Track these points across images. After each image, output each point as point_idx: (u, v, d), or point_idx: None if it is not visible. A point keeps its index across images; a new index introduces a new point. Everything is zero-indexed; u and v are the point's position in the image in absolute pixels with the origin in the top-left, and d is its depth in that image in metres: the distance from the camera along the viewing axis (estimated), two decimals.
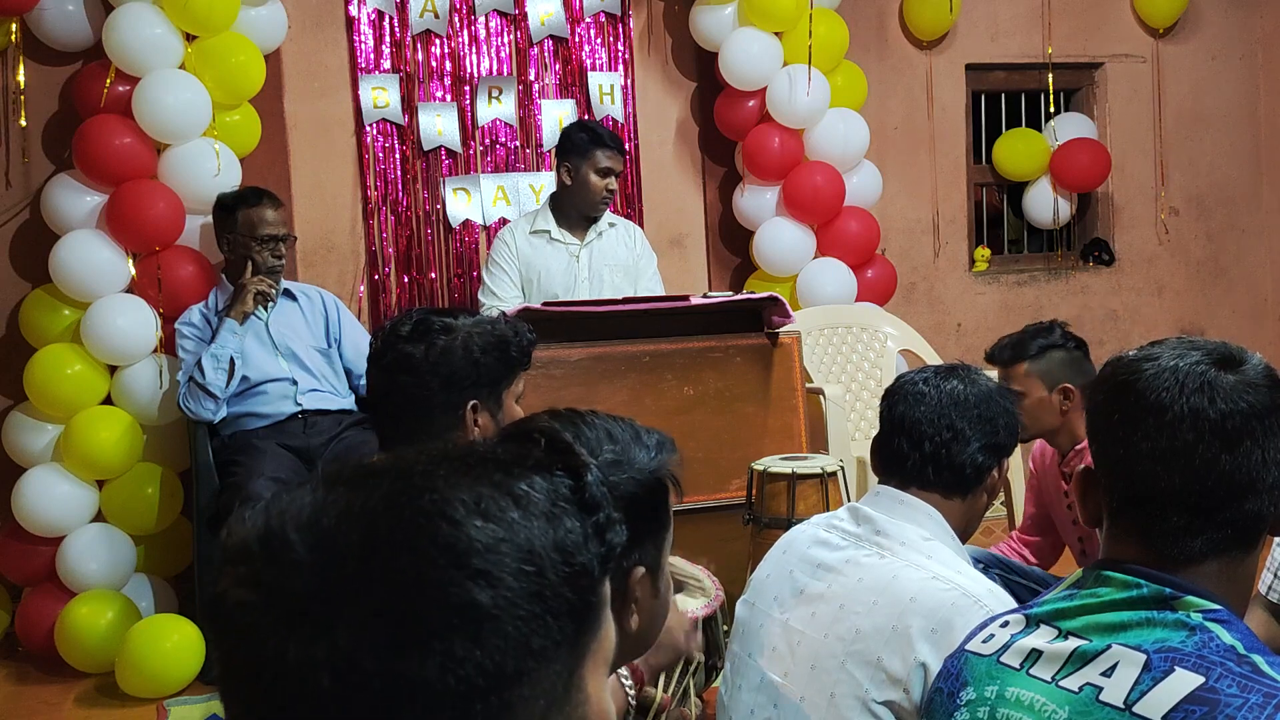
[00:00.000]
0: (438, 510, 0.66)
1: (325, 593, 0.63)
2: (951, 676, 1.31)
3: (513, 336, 2.08)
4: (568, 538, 0.69)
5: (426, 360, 2.00)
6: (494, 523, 0.66)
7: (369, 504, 0.67)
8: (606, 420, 1.31)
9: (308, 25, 4.48)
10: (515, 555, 0.66)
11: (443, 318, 2.06)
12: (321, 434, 3.74)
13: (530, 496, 0.69)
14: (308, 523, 0.66)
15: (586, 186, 4.07)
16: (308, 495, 0.68)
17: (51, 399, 3.77)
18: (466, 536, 0.65)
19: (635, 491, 1.27)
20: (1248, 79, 5.73)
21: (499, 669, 0.64)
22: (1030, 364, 2.90)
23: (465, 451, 0.72)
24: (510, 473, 0.70)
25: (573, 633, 0.69)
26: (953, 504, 1.92)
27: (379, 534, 0.65)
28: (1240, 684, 1.06)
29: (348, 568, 0.64)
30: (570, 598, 0.68)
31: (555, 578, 0.67)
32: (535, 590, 0.66)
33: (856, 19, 4.95)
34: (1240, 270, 5.77)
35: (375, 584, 0.63)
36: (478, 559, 0.65)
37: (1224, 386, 1.17)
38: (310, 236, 4.47)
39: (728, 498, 3.39)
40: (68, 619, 3.68)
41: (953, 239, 5.36)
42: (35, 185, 4.12)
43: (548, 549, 0.68)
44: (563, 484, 0.72)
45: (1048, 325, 2.98)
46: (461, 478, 0.69)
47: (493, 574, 0.65)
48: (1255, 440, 1.16)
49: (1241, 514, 1.17)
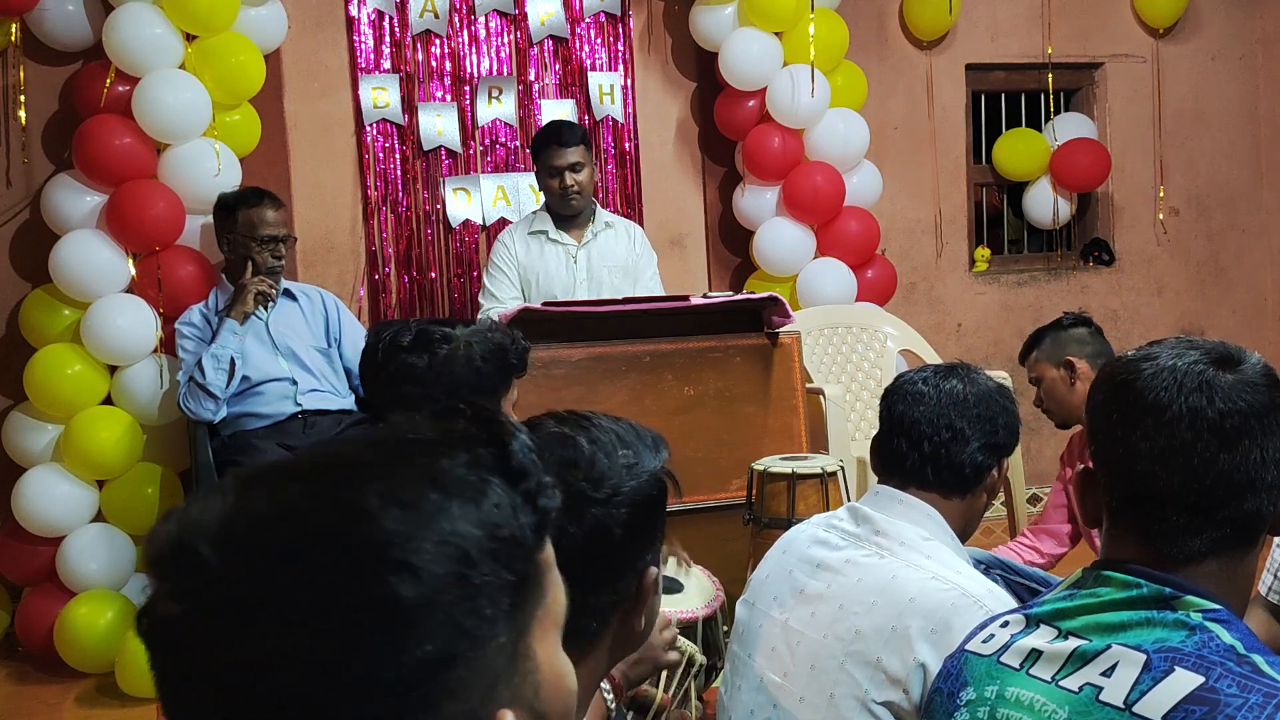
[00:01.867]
0: (350, 505, 0.64)
1: (243, 599, 0.62)
2: (951, 676, 1.31)
3: (510, 344, 2.13)
4: (493, 513, 0.67)
5: (430, 370, 2.04)
6: (411, 509, 0.64)
7: (281, 505, 0.65)
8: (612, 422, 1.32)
9: (308, 25, 4.48)
10: (435, 540, 0.64)
11: (441, 328, 2.10)
12: (321, 434, 3.74)
13: (450, 474, 0.67)
14: (218, 531, 0.64)
15: (546, 189, 4.09)
16: (217, 501, 0.66)
17: (51, 399, 3.78)
18: (382, 529, 0.63)
19: (651, 492, 1.27)
20: (1248, 79, 5.73)
21: (432, 656, 0.63)
22: (1038, 351, 3.12)
23: (384, 436, 0.70)
24: (430, 452, 0.68)
25: (509, 606, 0.67)
26: (952, 504, 1.92)
27: (293, 535, 0.63)
28: (1240, 684, 1.06)
29: (265, 572, 0.62)
30: (502, 574, 0.66)
31: (481, 556, 0.65)
32: (460, 573, 0.64)
33: (856, 19, 4.95)
34: (1240, 270, 5.77)
35: (295, 586, 0.62)
36: (396, 550, 0.63)
37: (1222, 386, 1.17)
38: (310, 236, 4.47)
39: (728, 498, 3.39)
40: (67, 619, 3.68)
41: (953, 239, 5.36)
42: (35, 185, 4.12)
43: (470, 528, 0.65)
44: (487, 455, 0.70)
45: (1059, 317, 3.20)
46: (377, 465, 0.67)
47: (413, 564, 0.63)
48: (1253, 439, 1.16)
49: (1240, 513, 1.17)
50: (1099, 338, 3.11)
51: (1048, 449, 5.28)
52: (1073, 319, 3.13)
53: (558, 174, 4.02)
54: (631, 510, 1.24)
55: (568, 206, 4.09)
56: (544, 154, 4.04)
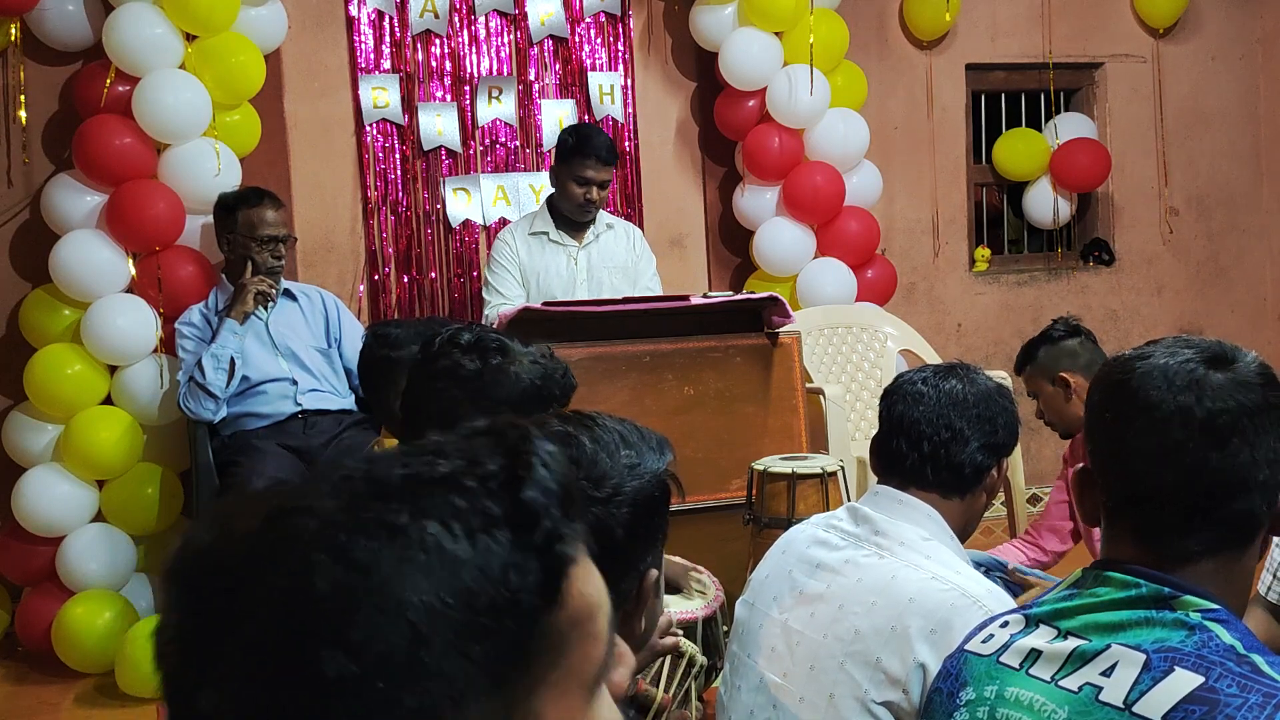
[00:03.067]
0: (300, 560, 0.57)
1: (194, 636, 0.59)
2: (951, 677, 1.31)
3: (559, 375, 2.07)
4: (474, 577, 0.58)
5: (479, 376, 2.00)
6: (358, 573, 0.56)
7: (245, 548, 0.59)
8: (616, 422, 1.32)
9: (308, 25, 4.48)
10: (378, 613, 0.56)
11: (500, 338, 2.06)
12: (321, 434, 3.74)
13: (427, 529, 0.58)
14: (195, 561, 0.60)
15: (565, 193, 4.07)
16: (212, 527, 0.61)
17: (51, 399, 3.78)
18: (321, 595, 0.56)
19: (653, 494, 1.27)
20: (1248, 79, 5.73)
21: None
22: (1031, 367, 3.09)
23: (382, 471, 0.61)
24: (418, 498, 0.59)
25: (490, 677, 0.58)
26: (952, 504, 1.92)
27: (245, 586, 0.58)
28: (1240, 684, 1.05)
29: (213, 618, 0.58)
30: (473, 647, 0.57)
31: (444, 630, 0.57)
32: (409, 653, 0.56)
33: (856, 19, 4.94)
34: (1240, 270, 5.77)
35: (234, 640, 0.57)
36: (329, 621, 0.55)
37: (1212, 385, 1.17)
38: (310, 236, 4.47)
39: (728, 498, 3.39)
40: (64, 619, 3.68)
41: (953, 239, 5.36)
42: (35, 185, 4.12)
43: (432, 598, 0.57)
44: (493, 498, 0.60)
45: (1050, 325, 3.14)
46: (350, 511, 0.58)
47: (347, 638, 0.55)
48: (1244, 438, 1.16)
49: (1234, 512, 1.17)
50: (1091, 346, 3.06)
51: (1048, 449, 5.27)
52: (1063, 330, 3.08)
53: (585, 185, 4.03)
54: (633, 510, 1.24)
55: (581, 215, 4.11)
56: (576, 161, 4.01)
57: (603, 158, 4.02)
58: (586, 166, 4.01)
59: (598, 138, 4.08)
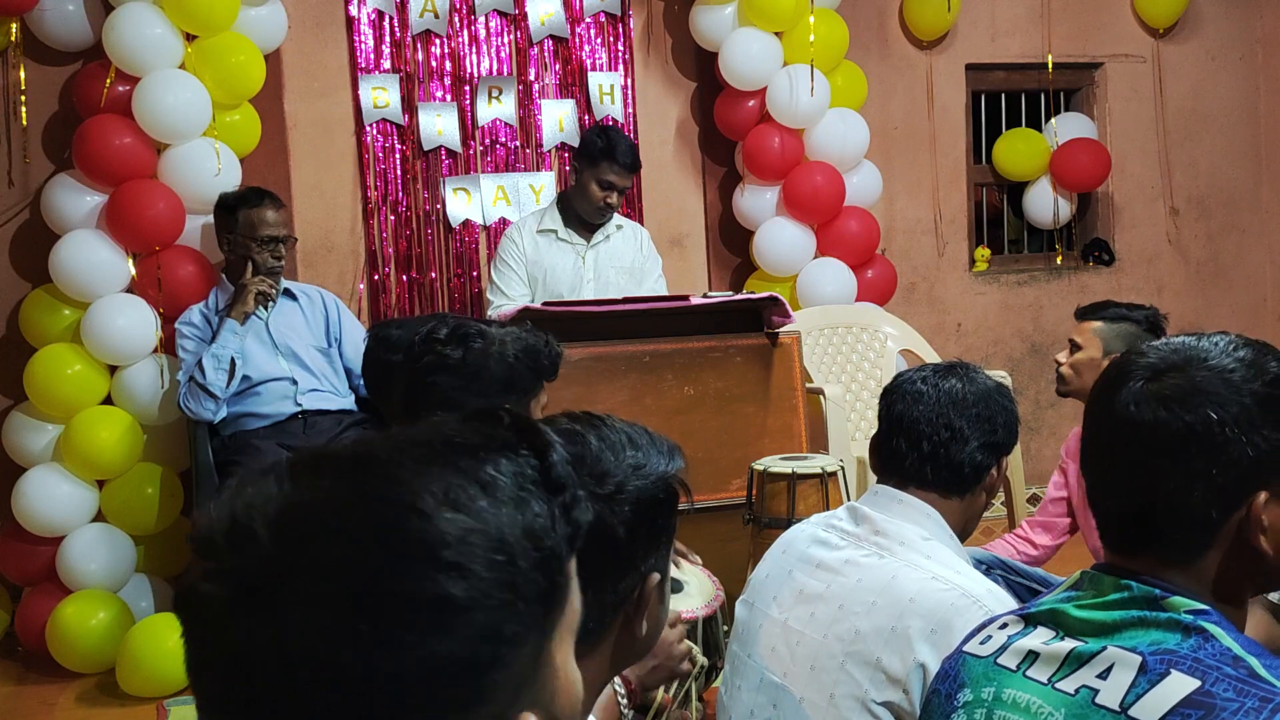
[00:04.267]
0: (408, 503, 0.65)
1: (295, 587, 0.63)
2: (949, 678, 1.31)
3: (543, 347, 2.13)
4: (536, 522, 0.69)
5: (465, 363, 2.04)
6: (464, 513, 0.66)
7: (338, 497, 0.66)
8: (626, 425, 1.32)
9: (308, 25, 4.48)
10: (486, 545, 0.65)
11: (477, 324, 2.11)
12: (322, 434, 3.74)
13: (497, 482, 0.69)
14: (275, 516, 0.65)
15: (585, 193, 4.08)
16: (273, 486, 0.67)
17: (51, 399, 3.78)
18: (437, 529, 0.64)
19: (657, 496, 1.28)
20: (1248, 79, 5.73)
21: (471, 659, 0.64)
22: (1100, 324, 3.00)
23: (430, 435, 0.71)
24: (477, 456, 0.70)
25: (542, 614, 0.69)
26: (951, 503, 1.92)
27: (349, 528, 0.64)
28: (1236, 688, 1.05)
29: (317, 561, 0.63)
30: (540, 581, 0.68)
31: (525, 564, 0.67)
32: (506, 579, 0.66)
33: (856, 19, 4.95)
34: (1240, 270, 5.77)
35: (347, 579, 0.63)
36: (449, 551, 0.64)
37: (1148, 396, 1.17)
38: (310, 236, 4.47)
39: (728, 498, 3.39)
40: (58, 619, 3.68)
41: (953, 239, 5.36)
42: (35, 185, 4.12)
43: (517, 536, 0.67)
44: (528, 465, 0.71)
45: (1141, 305, 3.06)
46: (429, 466, 0.68)
47: (464, 566, 0.64)
48: (1175, 457, 1.14)
49: (1180, 524, 1.16)
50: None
51: (1048, 449, 5.28)
52: (1150, 322, 2.99)
53: (607, 188, 4.05)
54: (635, 510, 1.24)
55: (598, 217, 4.14)
56: (602, 165, 4.03)
57: (629, 165, 4.07)
58: (610, 171, 4.03)
59: (625, 143, 4.11)
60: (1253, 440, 1.13)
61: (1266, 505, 1.14)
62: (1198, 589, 1.16)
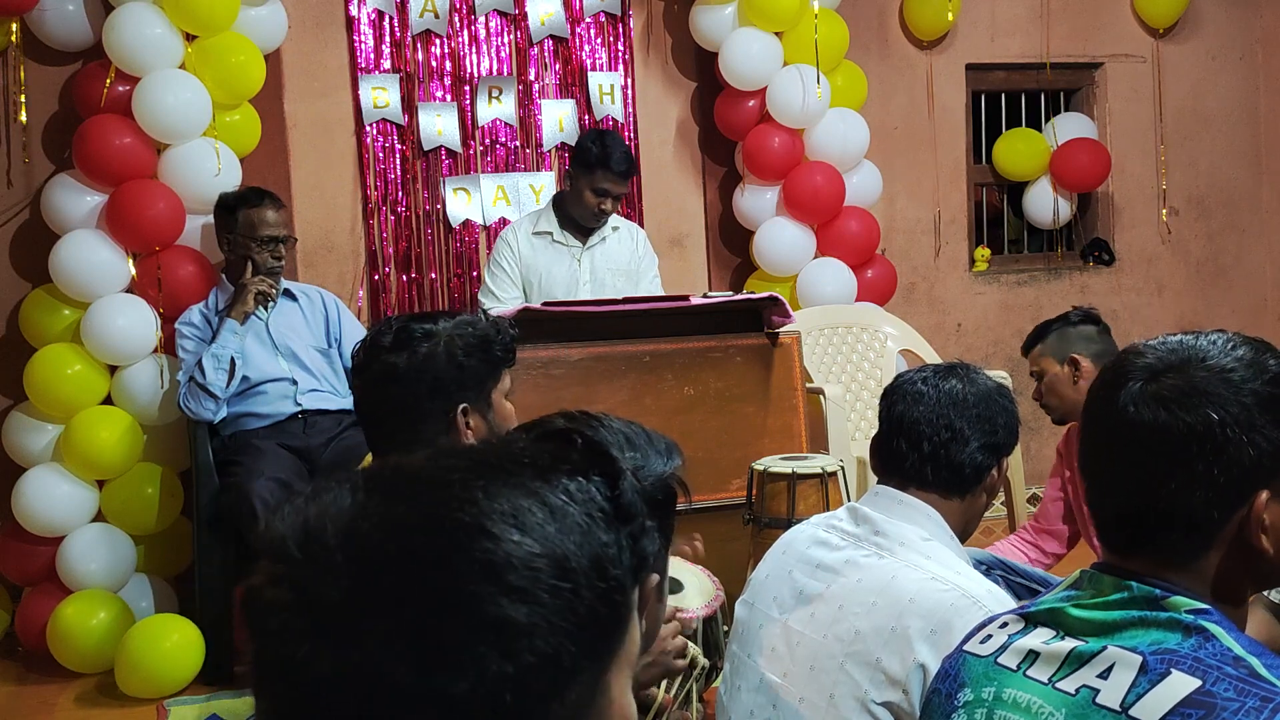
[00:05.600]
0: (476, 524, 0.65)
1: (360, 602, 0.63)
2: (949, 677, 1.31)
3: (495, 335, 2.06)
4: (603, 551, 0.68)
5: (411, 368, 1.98)
6: (531, 537, 0.66)
7: (409, 515, 0.66)
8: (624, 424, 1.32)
9: (308, 25, 4.48)
10: (551, 571, 0.65)
11: (423, 324, 2.03)
12: (321, 434, 3.74)
13: (566, 508, 0.68)
14: (347, 529, 0.65)
15: (580, 199, 4.07)
16: (348, 498, 0.67)
17: (51, 399, 3.77)
18: (503, 552, 0.64)
19: (655, 496, 1.27)
20: (1248, 79, 5.73)
21: (530, 685, 0.63)
22: (1042, 345, 3.08)
23: (502, 455, 0.71)
24: (547, 479, 0.69)
25: (601, 644, 0.68)
26: (952, 504, 1.92)
27: (417, 547, 0.64)
28: (1237, 688, 1.05)
29: (385, 579, 0.63)
30: (602, 611, 0.67)
31: (589, 594, 0.66)
32: (569, 606, 0.65)
33: (856, 19, 4.95)
34: (1240, 270, 5.77)
35: (411, 597, 0.63)
36: (514, 575, 0.64)
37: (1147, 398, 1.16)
38: (310, 236, 4.48)
39: (728, 498, 3.39)
40: (58, 620, 3.68)
41: (953, 239, 5.36)
42: (35, 185, 4.12)
43: (583, 564, 0.67)
44: (598, 491, 0.71)
45: (1069, 311, 3.16)
46: (500, 487, 0.68)
47: (528, 590, 0.64)
48: (1175, 457, 1.14)
49: (1181, 524, 1.16)
50: (1106, 337, 3.07)
51: (1047, 449, 5.27)
52: (1081, 315, 3.09)
53: (601, 195, 4.04)
54: None
55: (592, 222, 4.13)
56: (598, 173, 4.00)
57: (624, 172, 4.05)
58: (605, 179, 4.01)
59: (621, 150, 4.06)
60: (1253, 440, 1.13)
61: (1268, 505, 1.14)
62: (1198, 588, 1.16)
